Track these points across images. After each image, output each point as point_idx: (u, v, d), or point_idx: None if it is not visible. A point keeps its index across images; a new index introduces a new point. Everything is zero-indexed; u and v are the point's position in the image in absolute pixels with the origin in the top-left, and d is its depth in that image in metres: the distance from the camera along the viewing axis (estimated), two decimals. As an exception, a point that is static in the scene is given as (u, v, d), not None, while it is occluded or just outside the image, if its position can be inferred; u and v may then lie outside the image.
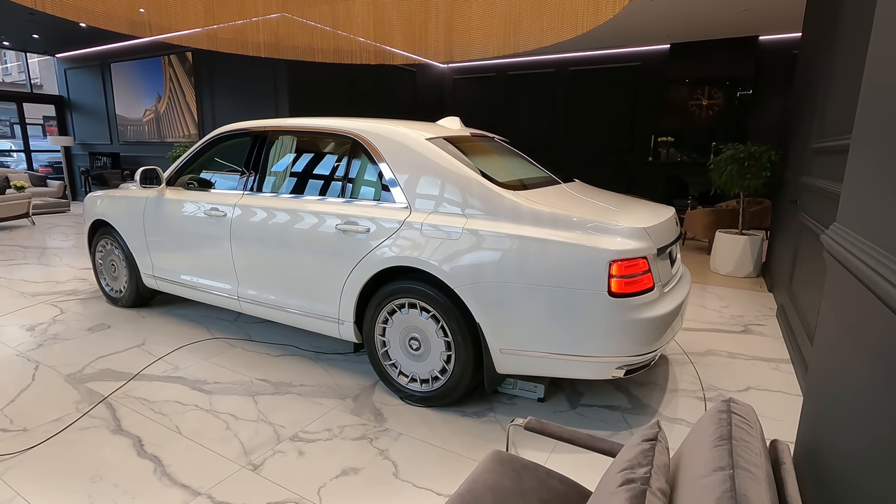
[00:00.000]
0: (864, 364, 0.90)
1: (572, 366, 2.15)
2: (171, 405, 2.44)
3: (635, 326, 2.08)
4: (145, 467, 1.97)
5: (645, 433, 1.09)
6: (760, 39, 7.67)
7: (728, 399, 1.11)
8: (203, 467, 1.97)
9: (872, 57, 1.06)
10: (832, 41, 3.17)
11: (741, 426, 1.01)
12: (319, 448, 2.11)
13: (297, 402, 2.49)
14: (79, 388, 2.60)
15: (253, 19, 5.61)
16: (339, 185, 2.70)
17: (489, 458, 1.42)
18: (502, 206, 2.25)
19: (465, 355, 2.29)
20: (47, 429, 2.23)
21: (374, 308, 2.52)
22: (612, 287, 2.03)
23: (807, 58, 4.36)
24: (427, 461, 2.04)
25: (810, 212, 3.15)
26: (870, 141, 1.02)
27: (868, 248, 0.89)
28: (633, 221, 2.17)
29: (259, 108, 7.75)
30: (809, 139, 3.58)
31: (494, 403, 2.50)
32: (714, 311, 3.99)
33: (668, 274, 2.38)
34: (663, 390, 2.66)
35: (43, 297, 4.09)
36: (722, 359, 3.07)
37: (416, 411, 2.42)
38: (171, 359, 2.97)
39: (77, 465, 1.98)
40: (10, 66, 18.35)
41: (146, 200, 3.46)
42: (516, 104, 9.85)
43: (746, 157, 4.71)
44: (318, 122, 2.83)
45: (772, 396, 2.60)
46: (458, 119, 3.11)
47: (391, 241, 2.41)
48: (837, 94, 2.86)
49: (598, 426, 2.31)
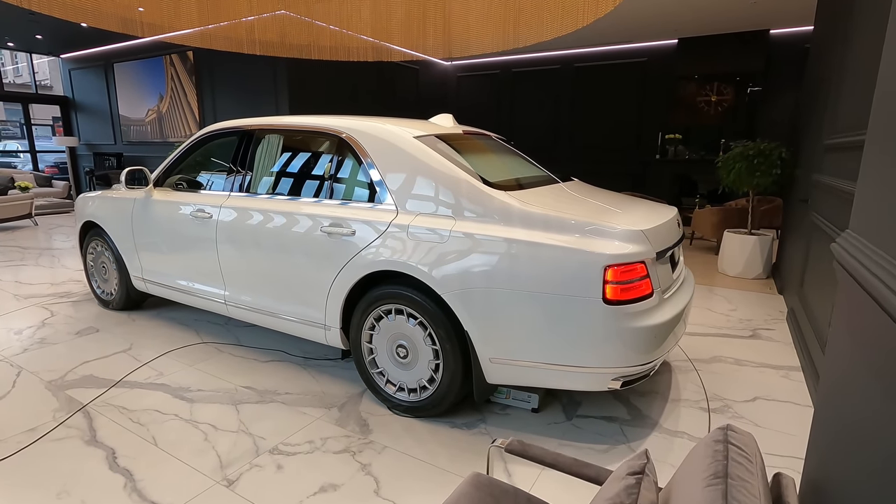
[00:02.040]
0: (877, 392, 0.78)
1: (566, 377, 2.03)
2: (150, 414, 2.36)
3: (632, 335, 1.95)
4: (116, 482, 1.88)
5: (631, 464, 0.98)
6: (771, 33, 7.46)
7: (726, 427, 0.99)
8: (176, 483, 1.88)
9: (887, 62, 0.93)
10: (846, 34, 3.01)
11: (739, 461, 0.89)
12: (299, 462, 2.01)
13: (280, 411, 2.40)
14: (59, 395, 2.53)
15: (249, 18, 5.53)
16: (326, 186, 2.59)
17: (467, 482, 1.31)
18: (492, 207, 2.13)
19: (453, 364, 2.18)
20: (21, 439, 2.15)
21: (360, 313, 2.41)
22: (608, 294, 1.90)
23: (819, 52, 4.19)
24: (411, 476, 1.93)
25: (822, 211, 2.99)
26: (885, 143, 0.89)
27: (883, 261, 0.76)
28: (630, 223, 2.04)
29: (260, 108, 7.68)
30: (821, 135, 3.42)
31: (486, 414, 2.39)
32: (721, 314, 3.84)
33: (668, 279, 2.25)
34: (665, 400, 2.53)
35: (35, 300, 4.03)
36: (728, 366, 2.93)
37: (403, 422, 2.31)
38: (156, 364, 2.89)
39: (46, 479, 1.89)
40: (21, 66, 18.51)
41: (134, 202, 3.38)
42: (521, 102, 9.70)
43: (756, 155, 4.54)
44: (303, 121, 2.73)
45: (780, 407, 2.46)
46: (452, 116, 2.99)
47: (377, 244, 2.30)
48: (851, 88, 2.70)
49: (594, 439, 2.19)
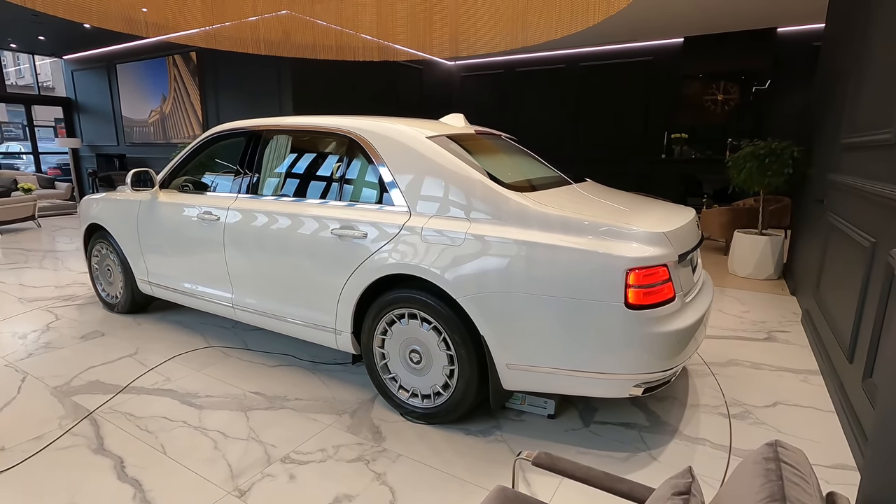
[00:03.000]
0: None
1: (585, 383, 1.97)
2: (158, 421, 2.31)
3: (655, 341, 1.89)
4: (124, 493, 1.83)
5: (675, 483, 0.92)
6: (779, 31, 7.39)
7: (774, 442, 0.93)
8: (185, 493, 1.83)
9: None
10: (864, 30, 2.95)
11: (795, 482, 0.83)
12: (312, 471, 1.96)
13: (291, 417, 2.34)
14: (64, 402, 2.48)
15: (253, 18, 5.48)
16: (336, 187, 2.54)
17: (492, 497, 1.25)
18: (508, 209, 2.08)
19: (468, 370, 2.13)
20: (26, 448, 2.10)
21: (372, 318, 2.36)
22: (630, 298, 1.85)
23: (832, 48, 4.12)
24: (427, 487, 1.87)
25: (840, 211, 2.93)
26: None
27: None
28: (651, 225, 1.99)
29: (263, 108, 7.63)
30: (838, 134, 3.35)
31: (501, 420, 2.33)
32: (734, 316, 3.78)
33: (689, 282, 2.19)
34: (683, 406, 2.47)
35: (40, 303, 3.99)
36: (745, 370, 2.87)
37: (416, 429, 2.26)
38: (163, 369, 2.84)
39: (52, 490, 1.84)
40: (23, 68, 18.50)
41: (140, 204, 3.33)
42: (526, 101, 9.64)
43: (767, 154, 4.48)
44: (313, 121, 2.68)
45: (803, 413, 2.41)
46: (462, 116, 2.94)
47: (390, 248, 2.25)
48: (871, 85, 2.64)
49: (613, 447, 2.13)
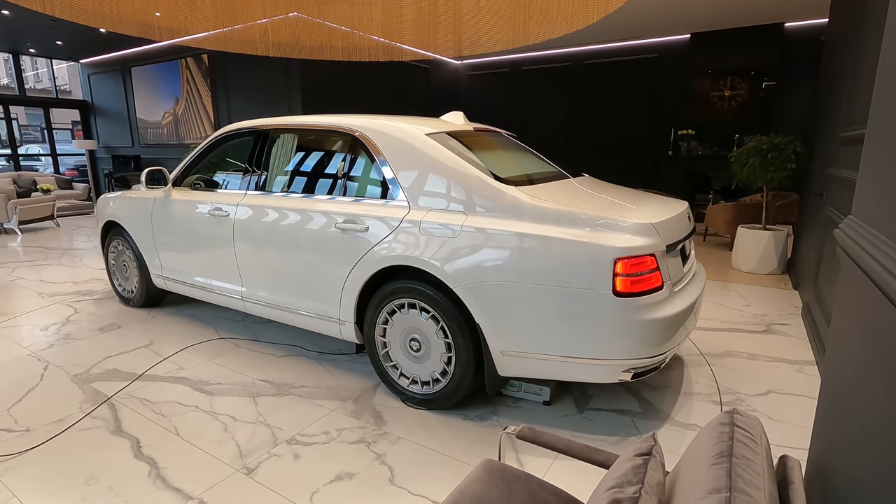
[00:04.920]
0: (879, 376, 0.79)
1: (576, 369, 2.05)
2: (171, 406, 2.43)
3: (643, 327, 1.97)
4: (141, 469, 1.95)
5: (638, 447, 1.01)
6: (786, 26, 7.36)
7: (732, 410, 1.01)
8: (198, 470, 1.95)
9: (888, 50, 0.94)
10: (861, 25, 2.98)
11: (744, 441, 0.91)
12: (316, 451, 2.06)
13: (297, 403, 2.45)
14: (84, 388, 2.62)
15: (263, 20, 5.62)
16: (340, 183, 2.65)
17: (479, 468, 1.34)
18: (503, 202, 2.17)
19: (465, 357, 2.22)
20: (50, 429, 2.24)
21: (374, 308, 2.46)
22: (618, 286, 1.93)
23: (833, 44, 4.14)
24: (425, 466, 1.97)
25: (837, 205, 2.97)
26: (884, 129, 0.91)
27: (883, 245, 0.78)
28: (640, 217, 2.06)
29: (273, 108, 7.79)
30: (836, 128, 3.38)
31: (498, 406, 2.42)
32: (735, 309, 3.82)
33: (679, 272, 2.26)
34: (677, 394, 2.54)
35: (60, 298, 4.16)
36: (741, 360, 2.92)
37: (416, 414, 2.36)
38: (176, 359, 2.97)
39: (74, 467, 1.97)
40: (41, 72, 18.94)
41: (154, 201, 3.47)
42: (532, 99, 9.69)
43: (770, 149, 4.50)
44: (317, 120, 2.79)
45: (794, 401, 2.46)
46: (462, 114, 3.03)
47: (390, 240, 2.35)
48: (866, 80, 2.68)
49: (606, 431, 2.21)
